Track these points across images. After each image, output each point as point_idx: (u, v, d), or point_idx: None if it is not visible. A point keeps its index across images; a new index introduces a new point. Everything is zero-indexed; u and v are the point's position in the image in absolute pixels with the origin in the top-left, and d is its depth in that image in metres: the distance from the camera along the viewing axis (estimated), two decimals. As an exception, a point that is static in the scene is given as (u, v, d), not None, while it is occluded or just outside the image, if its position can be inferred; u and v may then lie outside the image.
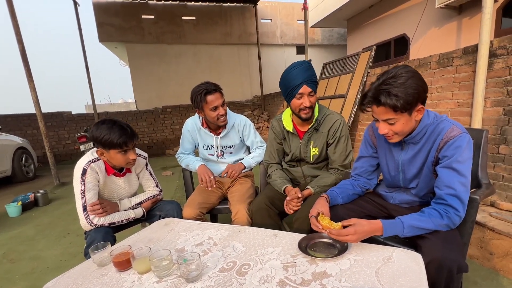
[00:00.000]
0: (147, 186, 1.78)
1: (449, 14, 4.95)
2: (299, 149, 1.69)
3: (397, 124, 1.04)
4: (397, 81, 0.98)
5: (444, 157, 1.05)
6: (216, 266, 1.02)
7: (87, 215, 1.44)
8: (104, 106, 20.69)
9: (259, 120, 9.06)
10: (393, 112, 1.01)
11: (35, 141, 7.28)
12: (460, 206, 1.01)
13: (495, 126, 2.38)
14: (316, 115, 1.62)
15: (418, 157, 1.15)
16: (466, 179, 1.02)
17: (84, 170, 1.45)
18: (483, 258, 1.85)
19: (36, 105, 4.55)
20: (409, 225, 1.01)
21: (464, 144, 1.02)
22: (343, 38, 12.11)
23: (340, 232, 1.01)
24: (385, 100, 0.99)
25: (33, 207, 3.77)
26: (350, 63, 4.76)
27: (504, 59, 2.29)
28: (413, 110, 1.02)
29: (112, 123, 1.43)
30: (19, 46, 4.33)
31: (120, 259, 1.05)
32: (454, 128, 1.04)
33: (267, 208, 1.61)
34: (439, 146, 1.07)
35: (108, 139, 1.39)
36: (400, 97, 0.97)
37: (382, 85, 1.01)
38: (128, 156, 1.48)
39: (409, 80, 0.98)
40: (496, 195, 2.41)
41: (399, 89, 0.97)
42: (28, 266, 2.22)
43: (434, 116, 1.11)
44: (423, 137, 1.11)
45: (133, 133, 1.47)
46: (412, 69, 1.02)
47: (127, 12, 9.73)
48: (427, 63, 3.10)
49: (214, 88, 1.75)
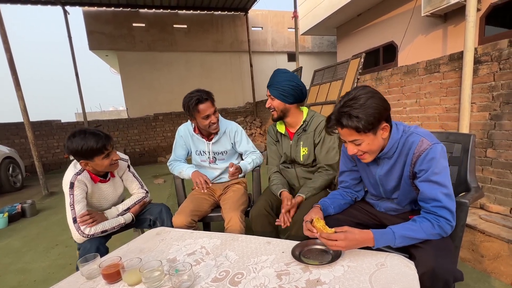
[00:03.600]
0: (132, 188, 1.80)
1: (434, 22, 5.09)
2: (289, 149, 1.77)
3: (363, 144, 1.06)
4: (357, 103, 1.00)
5: (420, 171, 1.06)
6: (209, 276, 1.00)
7: (77, 226, 1.44)
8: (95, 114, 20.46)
9: (252, 127, 9.08)
10: (357, 134, 1.03)
11: (23, 150, 7.12)
12: (449, 215, 1.01)
13: (482, 130, 2.44)
14: (304, 117, 1.74)
15: (394, 171, 1.16)
16: (448, 189, 1.02)
17: (72, 183, 1.46)
18: (474, 260, 1.87)
19: (24, 113, 4.46)
20: (400, 235, 1.01)
21: (437, 155, 1.02)
22: (333, 46, 12.30)
23: (330, 236, 1.01)
24: (347, 122, 1.01)
25: (20, 218, 3.66)
26: (340, 70, 4.83)
27: (488, 65, 2.36)
28: (377, 129, 1.03)
29: (83, 133, 1.43)
30: (7, 55, 4.27)
31: (109, 271, 1.02)
32: (423, 141, 1.05)
33: (267, 215, 1.64)
34: (413, 160, 1.07)
35: (87, 148, 1.40)
36: (361, 118, 0.99)
37: (343, 107, 1.02)
38: (111, 157, 1.50)
39: (368, 101, 0.99)
40: (485, 198, 2.45)
41: (360, 110, 0.99)
42: (14, 279, 2.15)
43: (403, 129, 1.11)
44: (395, 152, 1.12)
45: (106, 135, 1.49)
46: (371, 90, 1.03)
47: (118, 20, 9.70)
48: (415, 69, 3.17)
49: (205, 97, 1.76)
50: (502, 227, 2.09)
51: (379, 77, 3.80)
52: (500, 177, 2.31)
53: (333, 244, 1.00)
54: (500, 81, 2.27)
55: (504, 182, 2.28)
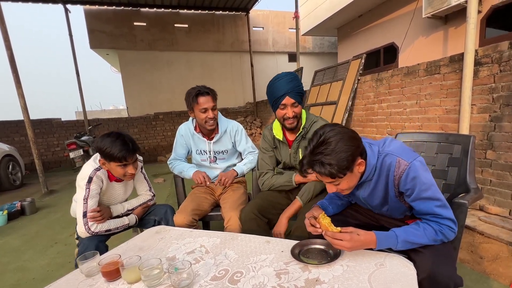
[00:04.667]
0: (140, 189, 1.83)
1: (435, 24, 5.10)
2: (289, 158, 1.71)
3: (341, 183, 1.04)
4: (327, 148, 0.96)
5: (407, 190, 1.04)
6: (208, 275, 1.00)
7: (86, 221, 1.48)
8: (95, 112, 20.44)
9: (252, 127, 9.08)
10: (332, 178, 1.02)
11: (23, 148, 7.11)
12: (452, 223, 1.00)
13: (482, 132, 2.44)
14: (303, 123, 1.64)
15: (377, 191, 1.14)
16: (441, 201, 1.01)
17: (90, 178, 1.50)
18: (473, 262, 1.87)
19: (24, 111, 4.46)
20: (403, 240, 1.00)
21: (418, 172, 1.00)
22: (334, 46, 12.30)
23: (335, 235, 1.00)
24: (320, 170, 0.99)
25: (20, 216, 3.66)
26: (341, 71, 4.84)
27: (489, 67, 2.36)
28: (352, 167, 1.01)
29: (116, 137, 1.47)
30: (8, 52, 4.27)
31: (108, 269, 1.02)
32: (400, 161, 1.03)
33: (255, 218, 1.61)
34: (395, 182, 1.06)
35: (109, 152, 1.44)
36: (333, 165, 0.96)
37: (314, 155, 0.99)
38: (127, 170, 1.52)
39: (339, 144, 0.96)
40: (485, 199, 2.45)
41: (331, 157, 0.96)
42: (13, 278, 2.15)
43: (378, 149, 1.10)
44: (374, 174, 1.10)
45: (134, 148, 1.51)
46: (339, 130, 1.00)
47: (119, 19, 9.71)
48: (415, 70, 3.17)
49: (206, 91, 1.80)
50: (501, 229, 2.09)
51: (380, 78, 3.80)
52: (499, 179, 2.32)
53: (338, 243, 0.99)
54: (500, 83, 2.28)
55: (503, 184, 2.29)
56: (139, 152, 1.57)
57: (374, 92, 3.94)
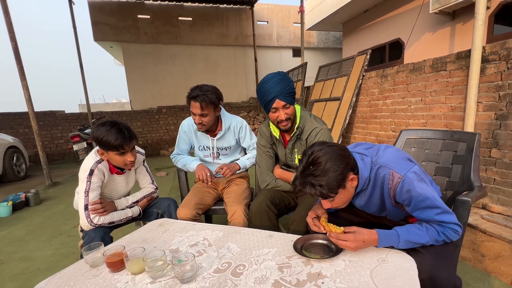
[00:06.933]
0: (143, 182, 1.83)
1: (442, 20, 5.03)
2: (284, 157, 1.70)
3: (335, 200, 1.04)
4: (317, 169, 0.96)
5: (404, 200, 1.04)
6: (211, 267, 1.01)
7: (88, 214, 1.47)
8: (99, 105, 20.52)
9: (255, 122, 9.07)
10: (323, 198, 1.01)
11: (27, 140, 7.17)
12: (456, 226, 0.99)
13: (487, 130, 2.42)
14: (297, 123, 1.60)
15: (373, 199, 1.14)
16: (441, 208, 0.99)
17: (92, 171, 1.49)
18: (475, 260, 1.87)
19: (28, 103, 4.48)
20: (405, 239, 1.00)
21: (412, 184, 1.00)
22: (339, 41, 12.20)
23: (339, 236, 1.01)
24: (311, 191, 0.98)
25: (24, 207, 3.70)
26: (346, 66, 4.80)
27: (496, 64, 2.33)
28: (344, 184, 1.00)
29: (111, 125, 1.45)
30: (12, 44, 4.27)
31: (113, 260, 1.03)
32: (394, 174, 1.02)
33: (267, 210, 1.60)
34: (390, 194, 1.06)
35: (106, 141, 1.42)
36: (323, 185, 0.96)
37: (304, 176, 0.99)
38: (126, 158, 1.51)
39: (328, 163, 0.96)
40: (488, 198, 2.45)
41: (321, 178, 0.96)
42: (18, 267, 2.18)
43: (371, 161, 1.09)
44: (369, 184, 1.10)
45: (130, 135, 1.49)
46: (327, 150, 0.99)
47: (122, 12, 9.67)
48: (421, 67, 3.14)
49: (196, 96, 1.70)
50: (504, 228, 2.09)
51: (385, 74, 3.77)
52: (503, 177, 2.30)
53: (342, 244, 1.00)
54: (507, 80, 2.25)
55: (507, 182, 2.28)
56: (136, 140, 1.54)
57: (379, 88, 3.91)
